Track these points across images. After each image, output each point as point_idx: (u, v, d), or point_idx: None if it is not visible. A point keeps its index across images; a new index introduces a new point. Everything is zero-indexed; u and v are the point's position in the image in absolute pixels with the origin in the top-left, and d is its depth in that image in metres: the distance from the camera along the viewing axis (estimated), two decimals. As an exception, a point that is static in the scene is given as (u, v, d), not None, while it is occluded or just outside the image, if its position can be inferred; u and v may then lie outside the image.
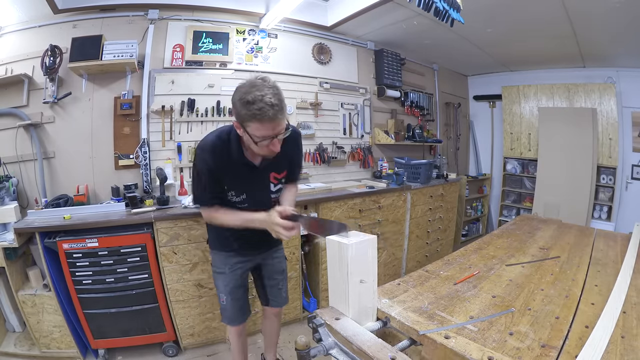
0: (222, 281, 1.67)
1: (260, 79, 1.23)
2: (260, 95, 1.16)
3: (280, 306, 1.87)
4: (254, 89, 1.18)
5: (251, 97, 1.17)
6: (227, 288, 1.67)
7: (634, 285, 1.14)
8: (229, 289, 1.67)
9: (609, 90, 3.82)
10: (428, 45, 3.90)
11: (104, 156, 2.61)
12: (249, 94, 1.18)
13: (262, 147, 1.29)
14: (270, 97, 1.18)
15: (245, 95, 1.18)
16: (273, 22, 3.02)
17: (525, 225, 2.03)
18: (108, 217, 2.13)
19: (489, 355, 0.77)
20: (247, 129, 1.25)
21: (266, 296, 1.83)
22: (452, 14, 1.85)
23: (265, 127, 1.22)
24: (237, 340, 1.80)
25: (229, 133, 1.40)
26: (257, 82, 1.21)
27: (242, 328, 1.80)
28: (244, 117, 1.22)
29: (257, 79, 1.23)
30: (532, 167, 4.50)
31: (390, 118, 4.03)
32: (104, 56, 2.45)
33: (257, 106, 1.17)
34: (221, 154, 1.38)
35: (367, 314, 0.98)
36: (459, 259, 1.47)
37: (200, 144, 1.41)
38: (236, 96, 1.23)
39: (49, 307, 2.08)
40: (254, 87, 1.19)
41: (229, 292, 1.67)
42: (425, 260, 3.57)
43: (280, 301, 1.84)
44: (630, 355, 0.77)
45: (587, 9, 2.64)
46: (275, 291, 1.82)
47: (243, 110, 1.20)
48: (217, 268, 1.68)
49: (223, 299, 1.69)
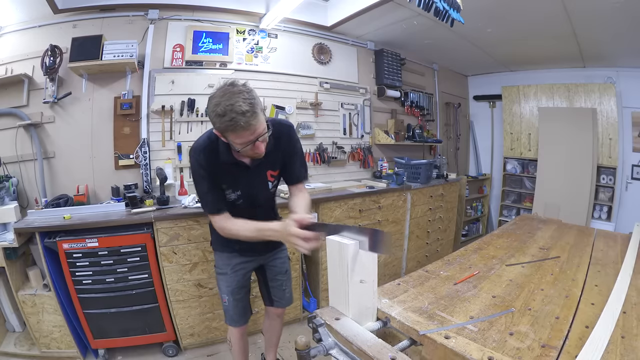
0: (224, 282, 1.65)
1: (229, 85, 1.20)
2: (229, 105, 1.14)
3: (284, 306, 1.86)
4: (223, 99, 1.16)
5: (221, 109, 1.15)
6: (229, 289, 1.65)
7: (634, 285, 1.14)
8: (231, 290, 1.65)
9: (609, 90, 3.82)
10: (428, 45, 3.90)
11: (104, 156, 2.61)
12: (219, 106, 1.16)
13: (246, 152, 1.28)
14: (241, 103, 1.14)
15: (216, 108, 1.16)
16: (273, 22, 3.02)
17: (525, 225, 2.03)
18: (108, 217, 2.13)
19: (489, 355, 0.77)
20: (227, 138, 1.26)
21: (270, 297, 1.82)
22: (452, 14, 1.85)
23: (241, 135, 1.20)
24: (239, 342, 1.79)
25: (217, 135, 1.37)
26: (227, 90, 1.18)
27: (244, 329, 1.78)
28: (220, 129, 1.22)
29: (227, 86, 1.20)
30: (532, 167, 4.50)
31: (390, 118, 4.03)
32: (104, 56, 2.45)
33: (228, 117, 1.14)
34: (212, 154, 1.37)
35: (367, 314, 0.98)
36: (459, 259, 1.47)
37: (193, 146, 1.40)
38: (209, 108, 1.21)
39: (49, 307, 2.08)
40: (223, 97, 1.17)
41: (231, 292, 1.66)
42: (425, 260, 3.57)
43: (284, 302, 1.83)
44: (630, 355, 0.77)
45: (587, 9, 2.65)
46: (279, 292, 1.80)
47: (217, 123, 1.19)
48: (220, 269, 1.67)
49: (225, 299, 1.68)
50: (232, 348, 1.82)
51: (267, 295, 1.83)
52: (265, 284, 1.81)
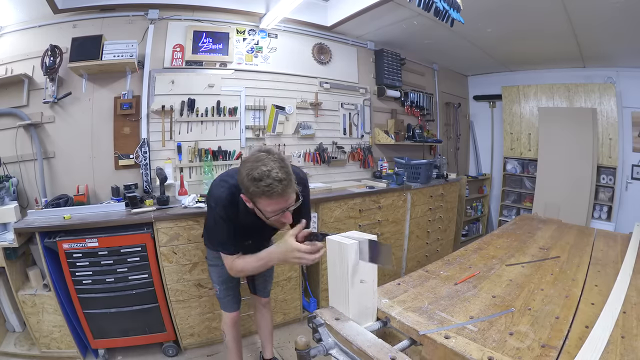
0: (216, 273, 1.77)
1: (264, 152, 1.19)
2: (267, 171, 1.12)
3: (266, 297, 2.03)
4: (259, 163, 1.14)
5: (258, 173, 1.13)
6: (221, 279, 1.78)
7: (634, 285, 1.14)
8: (222, 280, 1.77)
9: (609, 90, 3.82)
10: (428, 45, 3.90)
11: (104, 156, 2.61)
12: (255, 170, 1.13)
13: (273, 220, 1.26)
14: (277, 171, 1.13)
15: (252, 172, 1.14)
16: (273, 22, 3.02)
17: (525, 225, 2.03)
18: (108, 217, 2.13)
19: (489, 355, 0.77)
20: (256, 204, 1.23)
21: (254, 288, 2.00)
22: (452, 14, 1.85)
23: (275, 202, 1.19)
24: (232, 330, 1.87)
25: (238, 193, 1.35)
26: (261, 157, 1.17)
27: (237, 317, 1.88)
28: (253, 194, 1.19)
29: (261, 153, 1.19)
30: (532, 167, 4.50)
31: (390, 118, 4.03)
32: (104, 56, 2.45)
33: (264, 183, 1.12)
34: (232, 211, 1.40)
35: (367, 314, 0.98)
36: (459, 259, 1.47)
37: (214, 196, 1.41)
38: (242, 171, 1.19)
39: (49, 307, 2.08)
40: (259, 162, 1.15)
41: (223, 282, 1.78)
42: (425, 260, 3.57)
43: (266, 293, 2.02)
44: (630, 355, 0.77)
45: (587, 9, 2.64)
46: (261, 282, 2.00)
47: (251, 187, 1.16)
48: (211, 261, 1.78)
49: (217, 289, 1.81)
50: (226, 338, 1.90)
51: (252, 285, 2.01)
52: (251, 277, 1.96)
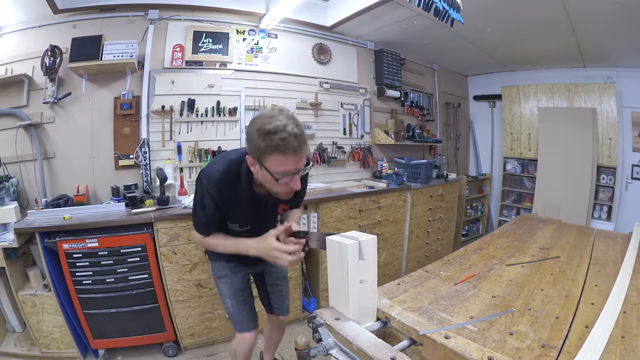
0: (225, 284, 1.58)
1: (277, 110, 1.11)
2: (282, 125, 1.04)
3: (284, 314, 1.82)
4: (272, 119, 1.06)
5: (272, 126, 1.04)
6: (231, 291, 1.58)
7: (634, 285, 1.14)
8: (233, 292, 1.58)
9: (609, 90, 3.82)
10: (428, 45, 3.90)
11: (104, 156, 2.61)
12: (268, 124, 1.05)
13: (282, 184, 1.14)
14: (293, 127, 1.06)
15: (264, 125, 1.05)
16: (273, 22, 3.02)
17: (525, 225, 2.03)
18: (108, 217, 2.13)
19: (489, 355, 0.77)
20: (265, 164, 1.10)
21: (270, 304, 1.79)
22: (452, 14, 1.85)
23: (288, 160, 1.08)
24: (247, 352, 1.65)
25: (238, 166, 1.26)
26: (274, 112, 1.09)
27: (254, 338, 1.64)
28: (264, 150, 1.07)
29: (274, 110, 1.12)
30: (532, 167, 4.50)
31: (390, 118, 4.03)
32: (104, 56, 2.45)
33: (280, 136, 1.03)
34: (229, 190, 1.25)
35: (367, 314, 0.98)
36: (459, 259, 1.47)
37: (207, 174, 1.27)
38: (252, 128, 1.10)
39: (49, 307, 2.08)
40: (272, 117, 1.07)
41: (234, 295, 1.58)
42: (425, 260, 3.57)
43: (285, 309, 1.80)
44: (630, 355, 0.77)
45: (587, 9, 2.64)
46: (279, 298, 1.78)
47: (263, 142, 1.06)
48: (219, 272, 1.60)
49: (229, 304, 1.59)
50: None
51: (267, 302, 1.80)
52: (264, 290, 1.78)
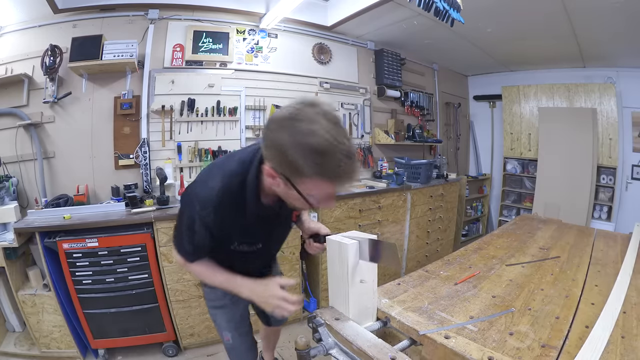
0: (225, 316, 1.36)
1: (309, 106, 0.77)
2: (332, 141, 0.72)
3: (280, 324, 1.72)
4: (314, 125, 0.73)
5: (319, 142, 0.72)
6: (232, 324, 1.37)
7: (634, 285, 1.14)
8: (234, 324, 1.38)
9: (609, 90, 3.82)
10: (428, 45, 3.90)
11: (104, 156, 2.61)
12: (311, 135, 0.72)
13: (310, 203, 0.88)
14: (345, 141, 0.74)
15: (306, 138, 0.72)
16: (273, 22, 3.02)
17: (525, 225, 2.03)
18: (108, 217, 2.13)
19: (489, 355, 0.77)
20: (298, 185, 0.81)
21: (265, 314, 1.60)
22: (452, 14, 1.86)
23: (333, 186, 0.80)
24: None
25: (242, 179, 0.97)
26: (311, 115, 0.75)
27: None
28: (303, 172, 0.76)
29: (307, 107, 0.76)
30: (532, 167, 4.50)
31: (390, 118, 4.03)
32: (104, 56, 2.45)
33: (333, 161, 0.73)
34: (231, 213, 0.98)
35: (367, 314, 0.98)
36: (459, 259, 1.47)
37: (200, 196, 0.97)
38: (281, 134, 0.76)
39: (49, 307, 2.08)
40: (313, 123, 0.73)
41: (235, 327, 1.38)
42: (425, 260, 3.57)
43: (281, 320, 1.64)
44: (630, 355, 0.77)
45: (587, 9, 2.64)
46: None
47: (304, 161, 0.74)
48: (215, 302, 1.35)
49: (228, 337, 1.39)
50: None
51: (262, 314, 1.63)
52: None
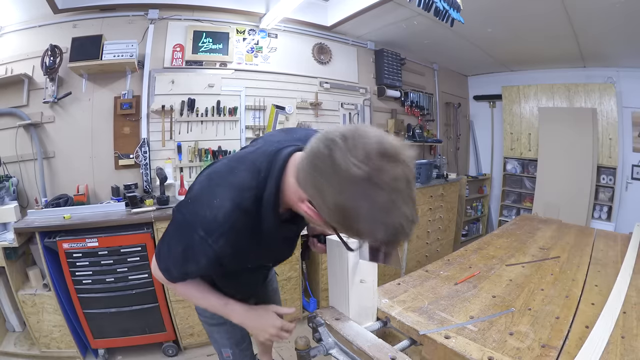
0: (225, 334, 1.26)
1: (401, 174, 0.60)
2: (408, 225, 0.61)
3: None
4: (396, 198, 0.59)
5: (396, 226, 0.60)
6: (232, 340, 1.26)
7: (634, 285, 1.14)
8: (235, 341, 1.27)
9: (609, 90, 3.81)
10: (428, 45, 3.90)
11: (104, 156, 2.61)
12: (390, 216, 0.60)
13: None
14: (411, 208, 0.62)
15: (385, 217, 0.60)
16: (273, 22, 3.01)
17: (525, 225, 2.03)
18: (108, 216, 2.13)
19: (489, 355, 0.77)
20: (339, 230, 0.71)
21: None
22: (452, 14, 1.86)
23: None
24: None
25: (256, 194, 0.79)
26: (397, 185, 0.59)
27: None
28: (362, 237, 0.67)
29: (393, 165, 0.59)
30: (532, 167, 4.50)
31: (390, 118, 4.03)
32: (104, 56, 2.45)
33: (398, 240, 0.64)
34: (245, 237, 0.81)
35: (367, 314, 0.98)
36: (459, 259, 1.47)
37: (205, 221, 0.78)
38: (356, 202, 0.60)
39: (49, 306, 2.08)
40: (396, 194, 0.59)
41: (236, 344, 1.28)
42: (425, 260, 3.57)
43: None
44: (630, 355, 0.77)
45: (587, 9, 2.64)
46: None
47: (370, 234, 0.63)
48: (213, 319, 1.22)
49: (228, 353, 1.29)
50: None
51: None
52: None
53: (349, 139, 0.61)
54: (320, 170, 0.62)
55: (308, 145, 0.68)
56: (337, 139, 0.61)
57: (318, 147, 0.64)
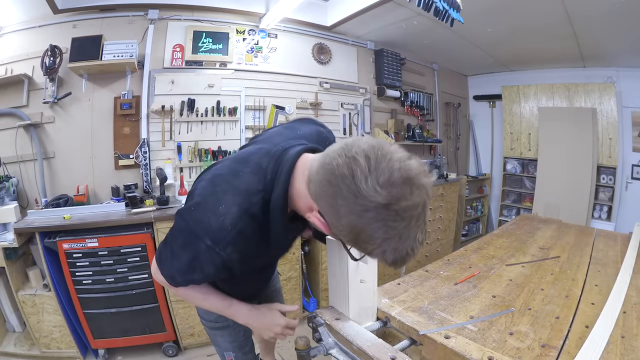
0: (228, 337, 1.23)
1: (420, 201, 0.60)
2: (417, 247, 0.63)
3: None
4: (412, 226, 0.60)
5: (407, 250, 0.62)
6: (235, 343, 1.25)
7: (634, 285, 1.14)
8: (238, 344, 1.25)
9: (609, 90, 3.82)
10: (428, 45, 3.90)
11: (104, 156, 2.61)
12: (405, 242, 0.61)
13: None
14: (423, 232, 0.63)
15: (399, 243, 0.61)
16: (273, 22, 3.02)
17: (525, 225, 2.03)
18: (108, 217, 2.13)
19: (489, 355, 0.77)
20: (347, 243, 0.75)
21: None
22: (452, 14, 1.86)
23: None
24: None
25: (263, 197, 0.77)
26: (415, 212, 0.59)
27: None
28: (371, 254, 0.65)
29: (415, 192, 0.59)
30: (532, 167, 4.50)
31: (390, 118, 4.03)
32: (104, 56, 2.45)
33: (401, 255, 0.62)
34: (253, 242, 0.79)
35: (367, 314, 0.98)
36: (459, 259, 1.47)
37: (210, 229, 0.74)
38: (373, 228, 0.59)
39: (49, 307, 2.08)
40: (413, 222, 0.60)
41: (239, 347, 1.26)
42: (425, 260, 3.57)
43: None
44: (631, 355, 0.77)
45: (587, 9, 2.64)
46: None
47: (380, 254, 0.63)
48: (217, 322, 1.20)
49: (231, 357, 1.28)
50: None
51: None
52: None
53: (372, 159, 0.59)
54: (338, 189, 0.60)
55: (326, 157, 0.65)
56: (359, 158, 0.59)
57: (338, 163, 0.61)
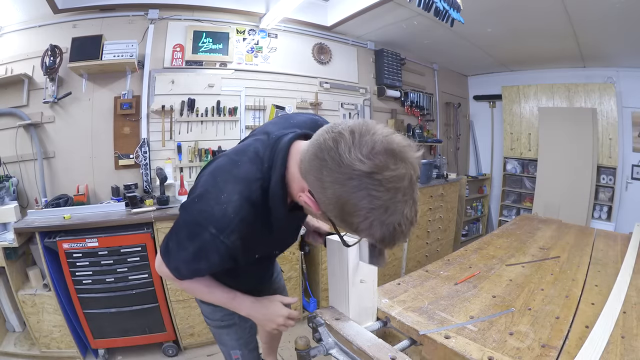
0: (234, 335, 1.22)
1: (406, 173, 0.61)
2: (408, 225, 0.63)
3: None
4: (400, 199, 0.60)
5: (395, 225, 0.61)
6: (241, 341, 1.23)
7: (634, 285, 1.14)
8: (244, 341, 1.24)
9: (609, 90, 3.82)
10: (428, 45, 3.90)
11: (104, 156, 2.61)
12: (392, 215, 0.60)
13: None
14: (412, 210, 0.63)
15: (386, 217, 0.60)
16: (273, 22, 3.02)
17: (525, 225, 2.03)
18: (108, 217, 2.13)
19: (489, 355, 0.77)
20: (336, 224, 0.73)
21: None
22: (452, 14, 1.86)
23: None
24: None
25: (262, 184, 0.79)
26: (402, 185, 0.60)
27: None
28: (360, 233, 0.66)
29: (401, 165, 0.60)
30: (532, 167, 4.50)
31: (390, 118, 4.03)
32: (104, 56, 2.45)
33: (397, 239, 0.64)
34: (256, 228, 0.81)
35: (367, 314, 0.98)
36: (459, 259, 1.47)
37: (214, 217, 0.76)
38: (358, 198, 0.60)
39: (49, 307, 2.08)
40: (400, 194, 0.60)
41: (245, 344, 1.25)
42: (425, 260, 3.57)
43: None
44: (631, 355, 0.77)
45: (587, 9, 2.64)
46: None
47: (369, 231, 0.63)
48: (223, 321, 1.19)
49: (237, 355, 1.26)
50: None
51: None
52: None
53: (357, 133, 0.61)
54: (324, 161, 0.62)
55: (315, 136, 0.68)
56: (344, 132, 0.62)
57: (324, 138, 0.64)
